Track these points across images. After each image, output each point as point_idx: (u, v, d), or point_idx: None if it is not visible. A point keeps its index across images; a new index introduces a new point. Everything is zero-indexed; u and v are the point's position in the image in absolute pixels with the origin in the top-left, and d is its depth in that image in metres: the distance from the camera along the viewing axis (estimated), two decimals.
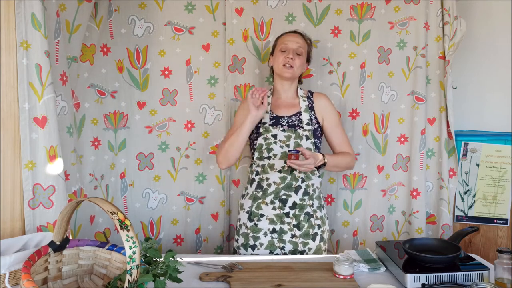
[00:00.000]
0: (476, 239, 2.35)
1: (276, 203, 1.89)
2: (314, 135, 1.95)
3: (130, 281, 1.05)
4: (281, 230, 1.89)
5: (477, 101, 2.57)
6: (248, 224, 1.92)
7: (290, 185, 1.89)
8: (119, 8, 2.16)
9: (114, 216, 1.08)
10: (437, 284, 1.43)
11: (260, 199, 1.91)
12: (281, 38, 2.03)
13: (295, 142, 1.91)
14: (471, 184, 2.34)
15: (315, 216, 1.92)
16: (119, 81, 2.19)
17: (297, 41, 1.98)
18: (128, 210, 2.26)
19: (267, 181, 1.91)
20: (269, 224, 1.89)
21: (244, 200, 1.97)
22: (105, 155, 2.16)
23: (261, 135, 1.94)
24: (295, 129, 1.93)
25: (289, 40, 1.98)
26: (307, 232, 1.89)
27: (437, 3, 2.26)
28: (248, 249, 1.90)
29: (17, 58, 1.55)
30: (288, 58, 1.94)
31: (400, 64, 2.32)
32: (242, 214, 1.96)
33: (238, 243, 1.95)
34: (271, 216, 1.89)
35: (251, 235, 1.91)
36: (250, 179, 1.98)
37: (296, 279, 1.50)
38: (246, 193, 1.98)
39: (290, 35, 2.01)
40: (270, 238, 1.89)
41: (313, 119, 1.98)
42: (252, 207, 1.92)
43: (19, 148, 1.57)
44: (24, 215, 1.59)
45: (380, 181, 2.35)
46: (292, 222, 1.89)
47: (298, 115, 1.97)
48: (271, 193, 1.90)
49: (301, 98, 2.02)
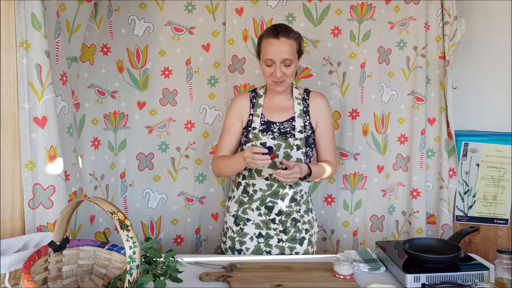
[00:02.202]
0: (476, 239, 2.35)
1: (262, 210, 1.83)
2: (306, 143, 1.83)
3: (130, 281, 1.05)
4: (267, 235, 1.83)
5: (477, 101, 2.57)
6: (234, 228, 1.87)
7: (277, 192, 1.82)
8: (119, 8, 2.16)
9: (114, 216, 1.08)
10: (437, 284, 1.43)
11: (246, 204, 1.85)
12: (264, 46, 1.76)
13: (284, 152, 1.80)
14: (471, 184, 2.34)
15: (302, 221, 1.86)
16: (119, 81, 2.19)
17: (282, 50, 1.71)
18: (128, 210, 2.26)
19: (253, 187, 1.84)
20: (255, 228, 1.84)
21: (230, 203, 1.91)
22: (105, 155, 2.16)
23: (250, 141, 1.83)
24: (286, 137, 1.81)
25: (273, 52, 1.71)
26: (294, 236, 1.84)
27: (437, 3, 2.26)
28: (235, 252, 1.87)
29: (17, 58, 1.55)
30: (276, 77, 1.74)
31: (400, 64, 2.32)
32: (228, 217, 1.91)
33: (226, 246, 1.91)
34: (257, 221, 1.84)
35: (237, 239, 1.86)
36: (237, 182, 1.90)
37: (296, 279, 1.50)
38: (232, 195, 1.92)
39: (273, 43, 1.72)
40: (257, 243, 1.84)
41: (307, 125, 1.85)
42: (238, 211, 1.87)
43: (19, 148, 1.57)
44: (24, 215, 1.59)
45: (380, 181, 2.35)
46: (279, 228, 1.84)
47: (291, 121, 1.84)
48: (257, 200, 1.83)
49: (296, 101, 1.87)
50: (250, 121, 1.87)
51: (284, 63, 1.73)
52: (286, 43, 1.73)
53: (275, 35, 1.73)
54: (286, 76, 1.76)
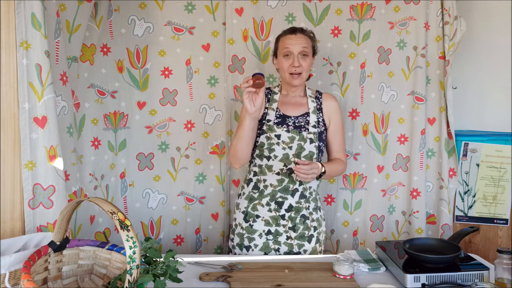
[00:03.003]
0: (476, 239, 2.35)
1: (272, 205, 1.88)
2: (319, 138, 1.90)
3: (130, 281, 1.05)
4: (276, 232, 1.87)
5: (477, 101, 2.57)
6: (244, 224, 1.91)
7: (287, 188, 1.87)
8: (119, 8, 2.16)
9: (114, 216, 1.08)
10: (437, 284, 1.43)
11: (256, 200, 1.90)
12: (282, 40, 1.91)
13: (298, 144, 1.86)
14: (471, 184, 2.34)
15: (311, 218, 1.90)
16: (119, 81, 2.19)
17: (300, 42, 1.87)
18: (128, 210, 2.26)
19: (264, 182, 1.89)
20: (265, 225, 1.88)
21: (240, 200, 1.96)
22: (105, 155, 2.16)
23: (264, 133, 1.89)
24: (300, 130, 1.88)
25: (291, 43, 1.87)
26: (302, 234, 1.88)
27: (437, 3, 2.26)
28: (243, 249, 1.89)
29: (17, 58, 1.55)
30: (294, 67, 1.85)
31: (400, 64, 2.32)
32: (238, 214, 1.95)
33: (233, 243, 1.94)
34: (266, 217, 1.88)
35: (246, 236, 1.89)
36: (247, 179, 1.97)
37: (296, 279, 1.50)
38: (242, 192, 1.97)
39: (291, 37, 1.88)
40: (265, 240, 1.87)
41: (320, 121, 1.93)
42: (248, 208, 1.91)
43: (19, 148, 1.57)
44: (24, 215, 1.59)
45: (380, 181, 2.35)
46: (288, 225, 1.87)
47: (306, 116, 1.92)
48: (267, 195, 1.88)
49: (310, 98, 1.96)
50: (265, 114, 1.92)
51: (302, 53, 1.86)
52: (303, 38, 1.89)
53: (293, 31, 1.91)
54: (303, 68, 1.87)
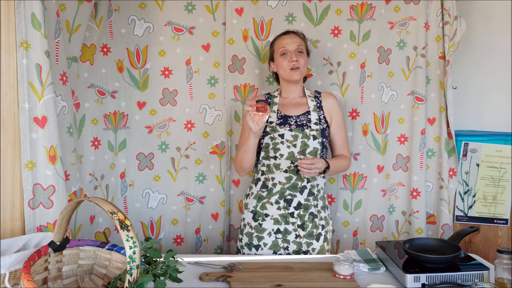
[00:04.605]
0: (476, 239, 2.35)
1: (281, 203, 1.90)
2: (322, 134, 1.95)
3: (130, 281, 1.05)
4: (285, 231, 1.90)
5: (477, 101, 2.57)
6: (253, 224, 1.93)
7: (296, 185, 1.90)
8: (119, 8, 2.16)
9: (114, 216, 1.08)
10: (437, 284, 1.43)
11: (265, 198, 1.92)
12: (277, 42, 2.01)
13: (302, 141, 1.90)
14: (471, 184, 2.34)
15: (319, 217, 1.93)
16: (119, 81, 2.19)
17: (294, 41, 1.97)
18: (128, 210, 2.26)
19: (272, 180, 1.92)
20: (274, 224, 1.90)
21: (249, 200, 1.98)
22: (105, 155, 2.16)
23: (268, 135, 1.93)
24: (302, 128, 1.92)
25: (287, 42, 1.97)
26: (311, 232, 1.90)
27: (437, 3, 2.26)
28: (252, 248, 1.91)
29: (17, 58, 1.55)
30: (293, 61, 1.92)
31: (400, 64, 2.32)
32: (247, 214, 1.96)
33: (242, 243, 1.96)
34: (275, 216, 1.90)
35: (255, 235, 1.91)
36: (255, 179, 1.98)
37: (296, 279, 1.50)
38: (250, 192, 1.99)
39: (286, 37, 1.99)
40: (274, 239, 1.89)
41: (321, 118, 1.98)
42: (257, 207, 1.93)
43: (19, 148, 1.57)
44: (24, 215, 1.59)
45: (380, 181, 2.35)
46: (297, 222, 1.90)
47: (307, 114, 1.97)
48: (276, 193, 1.91)
49: (309, 98, 2.02)
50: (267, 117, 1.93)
51: (297, 50, 1.96)
52: (296, 37, 2.01)
53: (286, 33, 2.02)
54: (300, 64, 1.94)
